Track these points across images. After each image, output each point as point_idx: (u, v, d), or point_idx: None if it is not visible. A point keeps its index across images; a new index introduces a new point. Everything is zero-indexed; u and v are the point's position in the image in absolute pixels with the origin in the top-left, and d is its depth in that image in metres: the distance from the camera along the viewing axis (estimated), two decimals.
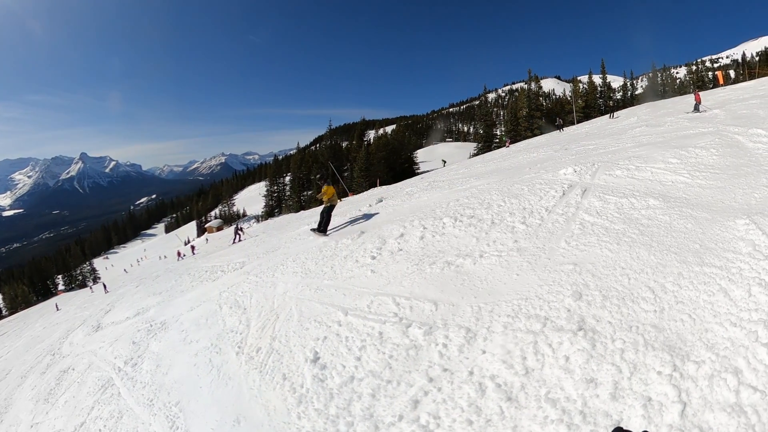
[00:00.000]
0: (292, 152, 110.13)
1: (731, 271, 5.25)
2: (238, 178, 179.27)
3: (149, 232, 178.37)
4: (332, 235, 13.13)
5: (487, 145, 70.71)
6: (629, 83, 79.79)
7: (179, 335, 10.45)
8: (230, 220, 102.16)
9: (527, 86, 72.78)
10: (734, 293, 4.82)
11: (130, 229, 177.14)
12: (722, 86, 46.10)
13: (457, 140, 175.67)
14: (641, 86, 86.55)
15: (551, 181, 11.14)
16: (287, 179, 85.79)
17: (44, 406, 10.56)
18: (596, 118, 51.21)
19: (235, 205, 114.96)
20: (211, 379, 7.41)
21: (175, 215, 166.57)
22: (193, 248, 47.80)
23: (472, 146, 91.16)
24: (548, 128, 58.59)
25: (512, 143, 47.81)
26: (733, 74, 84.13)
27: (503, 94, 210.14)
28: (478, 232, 8.85)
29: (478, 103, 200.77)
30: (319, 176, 21.70)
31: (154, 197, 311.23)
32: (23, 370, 14.99)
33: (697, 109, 22.99)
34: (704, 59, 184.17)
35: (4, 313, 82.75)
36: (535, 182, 11.31)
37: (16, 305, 79.43)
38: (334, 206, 13.89)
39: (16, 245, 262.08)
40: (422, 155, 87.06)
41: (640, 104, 53.16)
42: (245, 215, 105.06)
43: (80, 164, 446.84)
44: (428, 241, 9.25)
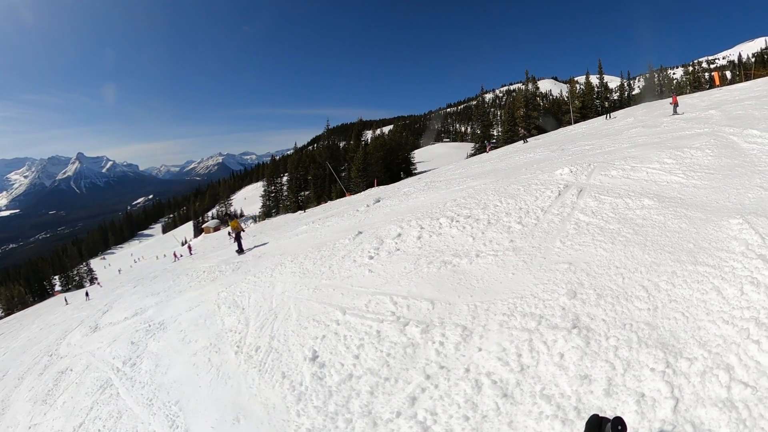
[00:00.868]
0: (289, 152, 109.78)
1: (724, 269, 5.30)
2: (235, 178, 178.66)
3: (146, 232, 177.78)
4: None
5: (484, 145, 70.61)
6: (626, 84, 79.50)
7: (178, 335, 10.47)
8: (227, 220, 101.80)
9: (524, 87, 72.79)
10: (727, 291, 4.86)
11: (127, 229, 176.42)
12: (718, 87, 46.37)
13: (454, 140, 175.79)
14: (638, 87, 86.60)
15: (547, 181, 11.22)
16: (284, 179, 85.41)
17: (42, 407, 10.52)
18: (593, 118, 51.22)
19: (232, 205, 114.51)
20: (210, 378, 7.44)
21: (172, 215, 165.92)
22: (190, 248, 47.71)
23: (469, 146, 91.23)
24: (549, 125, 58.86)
25: (493, 148, 47.94)
26: (729, 75, 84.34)
27: (500, 94, 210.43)
28: (474, 231, 8.93)
29: (475, 103, 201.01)
30: (226, 214, 24.06)
31: (151, 197, 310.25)
32: (20, 371, 14.91)
33: (675, 111, 24.38)
34: (701, 60, 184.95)
35: (0, 314, 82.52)
36: (531, 182, 11.39)
37: (12, 306, 78.84)
38: (240, 233, 20.12)
39: (12, 246, 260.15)
40: (419, 155, 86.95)
41: (637, 105, 53.27)
42: (242, 215, 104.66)
43: (77, 164, 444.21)
44: (425, 240, 9.32)
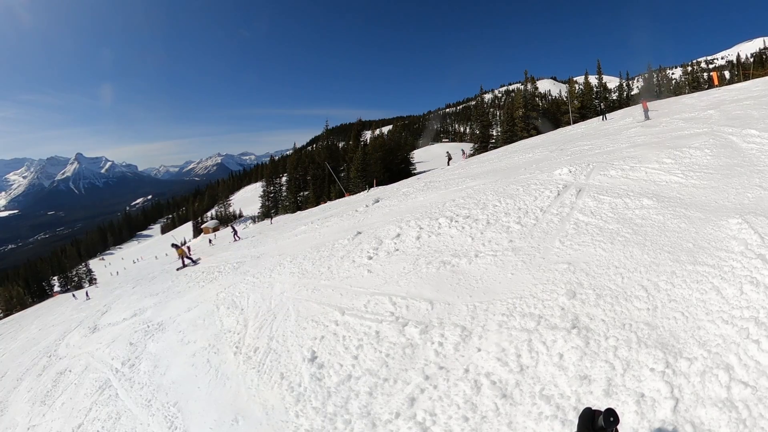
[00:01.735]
0: (288, 153, 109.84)
1: (723, 269, 5.29)
2: (234, 178, 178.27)
3: (145, 233, 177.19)
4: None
5: (483, 145, 70.42)
6: (625, 84, 79.24)
7: (177, 336, 10.46)
8: (227, 220, 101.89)
9: (524, 87, 72.59)
10: (726, 291, 4.85)
11: (126, 229, 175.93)
12: (717, 87, 46.29)
13: (453, 140, 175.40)
14: (637, 87, 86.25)
15: (546, 181, 11.20)
16: (284, 180, 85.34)
17: (41, 408, 10.47)
18: (592, 118, 50.95)
19: (231, 205, 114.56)
20: (209, 379, 7.43)
21: (171, 216, 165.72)
22: (189, 249, 47.54)
23: (468, 146, 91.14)
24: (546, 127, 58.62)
25: (471, 156, 47.86)
26: (728, 75, 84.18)
27: (499, 94, 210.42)
28: (473, 232, 8.92)
29: (474, 103, 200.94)
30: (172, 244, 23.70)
31: (150, 198, 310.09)
32: (19, 372, 14.85)
33: (647, 116, 24.78)
34: (699, 60, 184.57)
35: None
36: (530, 183, 11.37)
37: (11, 307, 78.58)
38: (183, 256, 21.64)
39: (11, 246, 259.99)
40: (419, 155, 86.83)
41: (636, 105, 52.97)
42: (242, 216, 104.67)
43: (76, 165, 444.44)
44: (424, 241, 9.31)
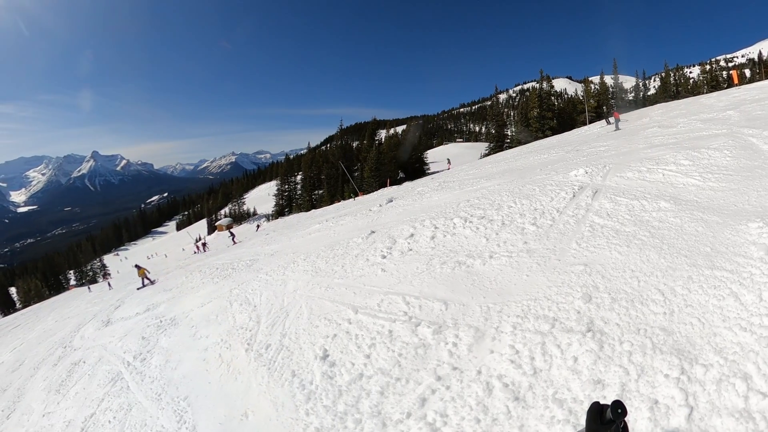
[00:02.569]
0: (303, 152, 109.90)
1: (742, 275, 5.16)
2: (248, 177, 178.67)
3: (160, 229, 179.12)
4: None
5: (498, 145, 69.68)
6: (641, 83, 77.86)
7: (189, 331, 10.55)
8: (240, 218, 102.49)
9: (539, 86, 71.70)
10: (745, 298, 4.72)
11: (140, 226, 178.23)
12: (737, 86, 45.42)
13: (467, 140, 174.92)
14: (653, 86, 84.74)
15: (562, 182, 11.10)
16: (298, 178, 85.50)
17: (56, 396, 10.69)
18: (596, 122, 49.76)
19: (245, 203, 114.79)
20: (219, 374, 7.47)
21: (186, 213, 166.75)
22: (204, 245, 48.05)
23: (482, 146, 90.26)
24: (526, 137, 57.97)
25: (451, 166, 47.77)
26: (748, 73, 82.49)
27: (514, 94, 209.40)
28: (488, 232, 8.85)
29: (489, 103, 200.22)
30: (135, 264, 24.21)
31: (165, 195, 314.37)
32: (36, 361, 15.16)
33: (617, 126, 25.72)
34: (719, 58, 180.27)
35: (18, 306, 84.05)
36: (546, 183, 11.28)
37: (29, 299, 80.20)
38: (144, 276, 22.97)
39: (30, 240, 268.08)
40: (432, 155, 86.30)
41: (653, 105, 51.86)
42: (255, 214, 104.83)
43: (92, 162, 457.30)
44: (439, 241, 9.27)
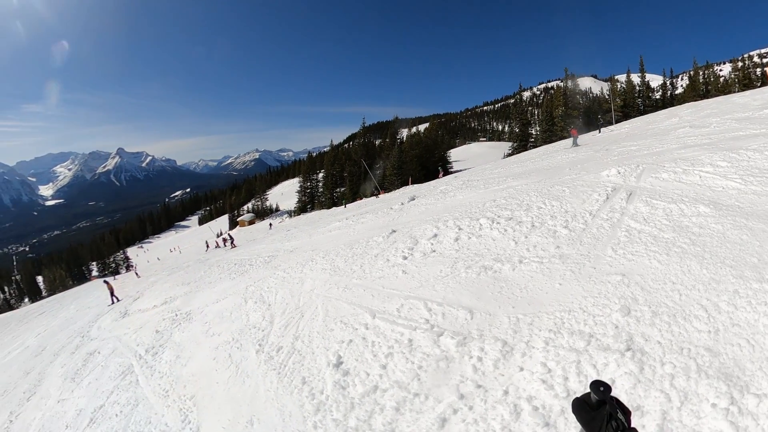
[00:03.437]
0: (325, 149, 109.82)
1: None
2: (272, 173, 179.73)
3: (183, 223, 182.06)
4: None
5: (522, 144, 68.40)
6: (668, 82, 75.18)
7: (202, 327, 10.33)
8: (263, 214, 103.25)
9: (563, 84, 69.92)
10: None
11: (164, 220, 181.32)
12: None
13: (491, 139, 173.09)
14: (681, 85, 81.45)
15: (593, 183, 10.47)
16: (320, 176, 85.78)
17: (71, 384, 10.77)
18: (634, 117, 48.05)
19: (268, 199, 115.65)
20: (228, 375, 7.16)
21: (208, 208, 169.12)
22: (225, 240, 48.20)
23: (506, 146, 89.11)
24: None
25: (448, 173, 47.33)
26: None
27: (538, 92, 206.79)
28: (517, 235, 8.29)
29: (513, 101, 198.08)
30: (104, 280, 23.89)
31: (188, 190, 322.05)
32: (56, 348, 15.47)
33: (575, 143, 25.81)
34: (752, 54, 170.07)
35: (43, 293, 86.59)
36: (576, 184, 10.66)
37: (54, 288, 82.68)
38: (112, 293, 21.87)
39: (56, 232, 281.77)
40: (455, 154, 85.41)
41: (680, 105, 49.30)
42: (278, 210, 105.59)
43: (117, 159, 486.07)
44: (463, 243, 8.75)
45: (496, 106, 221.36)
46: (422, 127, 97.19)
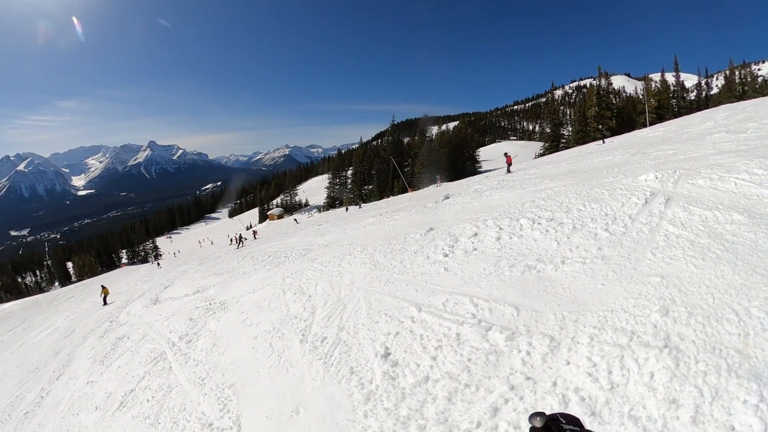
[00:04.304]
0: (355, 146, 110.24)
1: None
2: (301, 169, 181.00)
3: (213, 215, 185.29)
4: None
5: (554, 145, 66.90)
6: (704, 82, 72.03)
7: (239, 316, 10.51)
8: (292, 208, 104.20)
9: (597, 83, 67.46)
10: None
11: (194, 212, 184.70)
12: None
13: (521, 139, 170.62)
14: (716, 85, 77.90)
15: (632, 186, 10.31)
16: (349, 173, 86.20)
17: (99, 367, 11.16)
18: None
19: (297, 195, 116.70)
20: (270, 364, 7.30)
21: (239, 201, 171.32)
22: (255, 233, 48.85)
23: (537, 145, 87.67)
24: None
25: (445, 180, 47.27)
26: None
27: (570, 90, 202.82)
28: (558, 236, 8.25)
29: (544, 100, 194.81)
30: (102, 285, 24.02)
31: (219, 184, 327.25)
32: (85, 331, 15.99)
33: (508, 170, 26.61)
34: None
35: (73, 279, 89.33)
36: (615, 187, 10.52)
37: (83, 273, 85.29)
38: (106, 296, 22.47)
39: (87, 221, 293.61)
40: (485, 153, 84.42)
41: (716, 107, 46.89)
42: (308, 205, 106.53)
43: (148, 152, 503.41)
44: (505, 242, 8.75)
45: (526, 105, 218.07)
46: (451, 125, 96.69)
